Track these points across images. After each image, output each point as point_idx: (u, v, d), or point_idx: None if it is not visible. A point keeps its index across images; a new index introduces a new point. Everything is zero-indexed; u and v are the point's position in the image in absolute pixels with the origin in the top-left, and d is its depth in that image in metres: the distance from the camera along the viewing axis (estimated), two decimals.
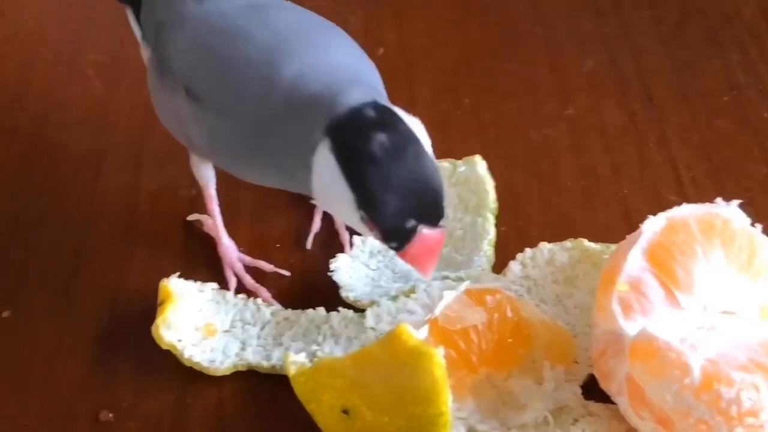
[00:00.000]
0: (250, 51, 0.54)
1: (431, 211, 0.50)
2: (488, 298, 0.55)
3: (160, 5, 0.60)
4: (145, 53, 0.62)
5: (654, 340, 0.50)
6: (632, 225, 0.57)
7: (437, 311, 0.54)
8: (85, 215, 0.67)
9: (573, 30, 0.79)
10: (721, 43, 0.77)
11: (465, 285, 0.56)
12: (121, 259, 0.64)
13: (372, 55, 0.79)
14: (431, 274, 0.52)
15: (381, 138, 0.49)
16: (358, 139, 0.49)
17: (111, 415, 0.56)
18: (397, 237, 0.50)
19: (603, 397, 0.55)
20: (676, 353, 0.49)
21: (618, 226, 0.64)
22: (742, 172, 0.68)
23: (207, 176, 0.62)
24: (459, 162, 0.64)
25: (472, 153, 0.67)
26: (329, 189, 0.51)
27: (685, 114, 0.72)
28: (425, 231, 0.50)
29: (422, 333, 0.53)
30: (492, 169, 0.65)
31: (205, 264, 0.63)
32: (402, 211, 0.49)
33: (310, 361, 0.54)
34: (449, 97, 0.74)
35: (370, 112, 0.50)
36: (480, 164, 0.64)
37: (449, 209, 0.61)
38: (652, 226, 0.55)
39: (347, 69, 0.53)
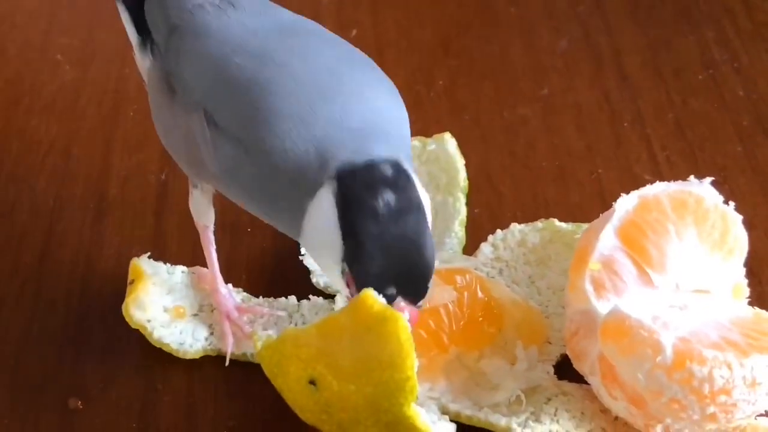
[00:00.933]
0: (290, 89, 0.49)
1: (415, 288, 0.47)
2: (458, 278, 0.55)
3: (171, 5, 0.54)
4: (143, 61, 0.56)
5: (626, 319, 0.50)
6: (606, 204, 0.56)
7: None
8: (54, 200, 0.66)
9: (548, 9, 0.78)
10: (697, 20, 0.77)
11: None
12: (90, 244, 0.63)
13: (345, 36, 0.78)
14: None
15: (388, 196, 0.46)
16: (365, 190, 0.46)
17: (80, 402, 0.56)
18: None
19: (576, 377, 0.54)
20: (648, 332, 0.49)
21: (592, 206, 0.64)
22: (716, 151, 0.68)
23: (208, 218, 0.57)
24: (429, 140, 0.63)
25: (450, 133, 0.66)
26: (318, 233, 0.48)
27: (660, 92, 0.72)
28: (402, 305, 0.47)
29: None
30: (466, 150, 0.65)
31: (175, 250, 0.62)
32: (386, 276, 0.46)
33: None
34: (423, 78, 0.74)
35: (387, 170, 0.47)
36: (450, 142, 0.63)
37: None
38: (625, 204, 0.54)
39: (382, 118, 0.50)
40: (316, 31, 0.54)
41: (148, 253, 0.59)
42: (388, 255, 0.46)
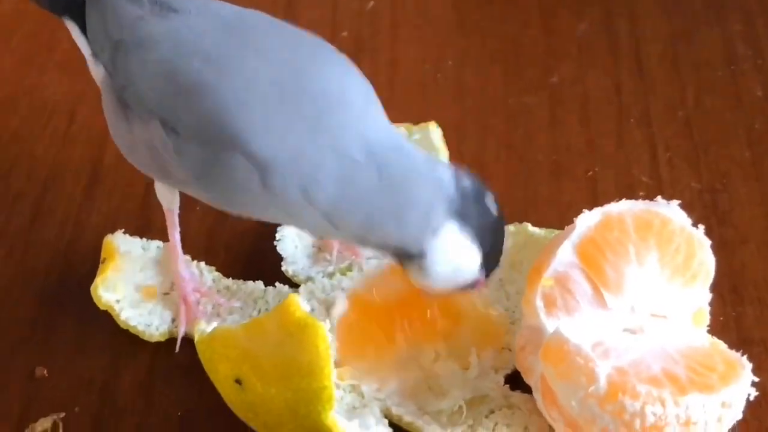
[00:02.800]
0: (254, 90, 0.49)
1: None
2: None
3: (111, 20, 0.54)
4: (97, 72, 0.56)
5: (565, 343, 0.49)
6: (598, 206, 0.55)
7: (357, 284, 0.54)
8: (52, 164, 0.67)
9: None
10: (726, 11, 0.74)
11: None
12: (80, 212, 0.64)
13: (362, 7, 0.77)
14: None
15: (491, 202, 0.50)
16: (482, 214, 0.50)
17: (45, 371, 0.57)
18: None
19: (529, 388, 0.54)
20: (585, 359, 0.48)
21: (583, 206, 0.62)
22: (722, 155, 0.66)
23: (173, 202, 0.57)
24: (414, 128, 0.62)
25: (449, 119, 0.65)
26: (451, 265, 0.50)
27: (674, 87, 0.70)
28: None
29: (341, 307, 0.53)
30: (464, 138, 0.64)
31: (161, 224, 0.62)
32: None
33: None
34: (433, 58, 0.72)
35: (467, 182, 0.50)
36: (434, 132, 0.62)
37: None
38: (586, 220, 0.53)
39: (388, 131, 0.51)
40: (261, 21, 0.53)
41: (122, 230, 0.60)
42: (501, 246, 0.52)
